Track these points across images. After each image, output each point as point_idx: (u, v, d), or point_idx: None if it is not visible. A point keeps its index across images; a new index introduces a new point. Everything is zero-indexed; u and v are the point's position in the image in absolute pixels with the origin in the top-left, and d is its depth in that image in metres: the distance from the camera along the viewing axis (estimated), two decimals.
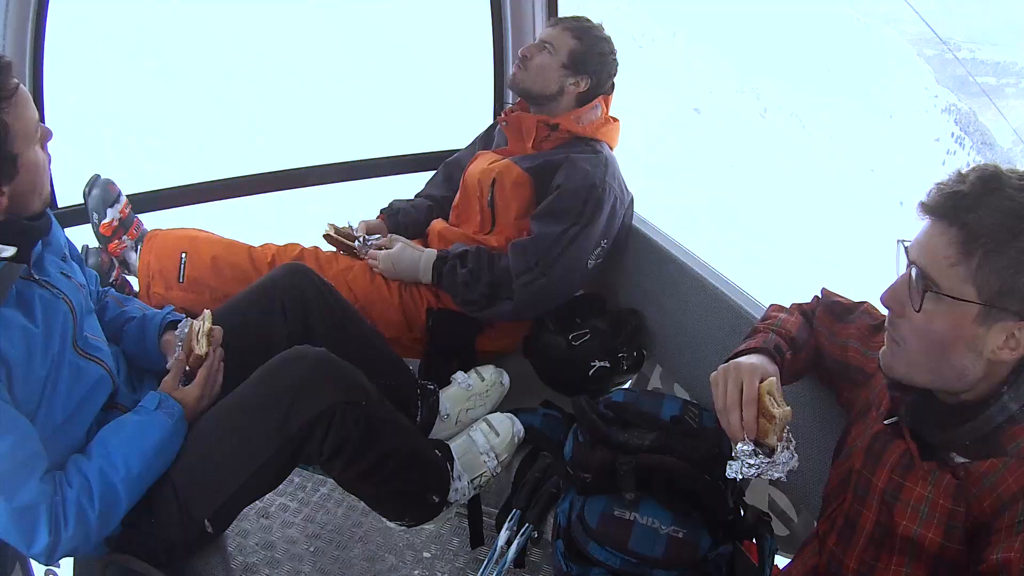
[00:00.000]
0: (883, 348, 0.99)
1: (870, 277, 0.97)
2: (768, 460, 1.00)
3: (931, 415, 0.96)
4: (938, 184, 0.91)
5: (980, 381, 0.91)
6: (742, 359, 1.08)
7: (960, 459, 0.93)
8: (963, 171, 0.90)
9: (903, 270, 0.94)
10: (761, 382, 1.03)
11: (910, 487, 0.96)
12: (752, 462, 1.01)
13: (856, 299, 1.24)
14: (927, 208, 0.90)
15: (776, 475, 1.00)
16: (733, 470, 1.01)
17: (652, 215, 1.95)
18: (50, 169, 1.14)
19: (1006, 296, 0.85)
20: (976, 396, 0.92)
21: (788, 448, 1.00)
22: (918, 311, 0.89)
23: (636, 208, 1.91)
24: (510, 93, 2.22)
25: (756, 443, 1.01)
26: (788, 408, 1.01)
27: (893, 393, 1.01)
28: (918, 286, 0.89)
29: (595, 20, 1.87)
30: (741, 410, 1.02)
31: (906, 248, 0.93)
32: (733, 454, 1.02)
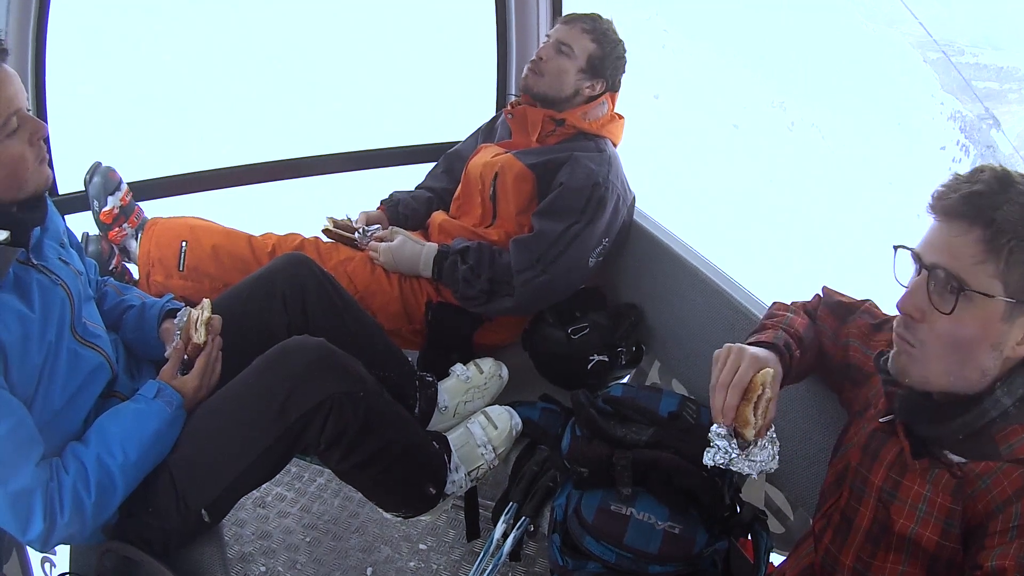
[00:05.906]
0: (892, 352, 0.97)
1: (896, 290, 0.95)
2: (740, 452, 0.98)
3: (923, 408, 0.96)
4: (945, 186, 0.90)
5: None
6: (748, 347, 1.06)
7: (955, 458, 0.93)
8: (965, 173, 0.90)
9: (903, 276, 0.94)
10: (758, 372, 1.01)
11: (908, 485, 0.96)
12: (720, 445, 0.99)
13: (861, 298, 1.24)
14: (946, 210, 0.88)
15: (747, 470, 0.98)
16: (707, 456, 0.99)
17: (714, 243, 1.94)
18: (47, 160, 1.11)
19: None
20: (969, 390, 0.92)
21: (769, 448, 0.99)
22: (950, 313, 0.87)
23: (692, 230, 1.91)
24: (514, 85, 2.21)
25: (736, 432, 0.99)
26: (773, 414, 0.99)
27: (888, 388, 1.00)
28: (947, 288, 0.88)
29: (605, 16, 1.85)
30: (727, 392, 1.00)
31: (915, 253, 0.92)
32: (708, 436, 1.00)
